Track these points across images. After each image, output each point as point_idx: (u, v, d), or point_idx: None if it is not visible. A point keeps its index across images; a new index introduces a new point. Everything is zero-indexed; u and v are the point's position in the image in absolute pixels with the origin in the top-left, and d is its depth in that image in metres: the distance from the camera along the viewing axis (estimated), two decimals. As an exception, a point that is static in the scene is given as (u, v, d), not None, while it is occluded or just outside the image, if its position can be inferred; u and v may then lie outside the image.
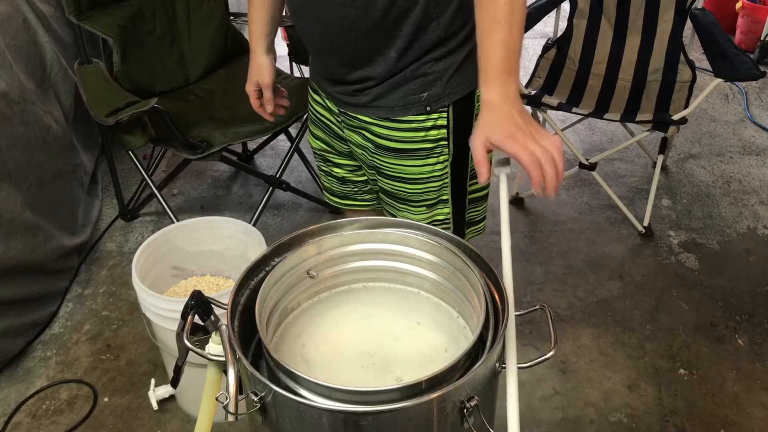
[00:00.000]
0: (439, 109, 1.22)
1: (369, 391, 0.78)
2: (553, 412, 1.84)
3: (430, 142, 1.25)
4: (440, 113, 1.22)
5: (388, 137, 1.25)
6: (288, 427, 0.81)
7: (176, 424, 1.81)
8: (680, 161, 2.94)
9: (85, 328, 2.13)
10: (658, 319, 2.14)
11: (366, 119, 1.25)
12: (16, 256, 1.92)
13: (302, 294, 1.01)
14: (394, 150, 1.26)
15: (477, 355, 0.85)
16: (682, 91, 2.50)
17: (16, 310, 1.97)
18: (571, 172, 2.62)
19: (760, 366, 1.97)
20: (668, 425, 1.80)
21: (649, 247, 2.45)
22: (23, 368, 1.98)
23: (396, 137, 1.25)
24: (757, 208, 2.65)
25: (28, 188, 2.01)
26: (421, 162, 1.27)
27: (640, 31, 2.56)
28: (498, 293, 0.91)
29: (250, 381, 0.82)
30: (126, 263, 2.39)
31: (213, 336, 0.93)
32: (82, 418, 1.84)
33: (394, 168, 1.29)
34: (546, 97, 2.49)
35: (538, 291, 2.26)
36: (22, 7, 2.17)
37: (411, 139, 1.24)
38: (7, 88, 1.93)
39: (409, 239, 0.99)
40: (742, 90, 3.45)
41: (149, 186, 2.31)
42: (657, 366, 1.98)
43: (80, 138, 2.47)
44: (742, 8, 3.69)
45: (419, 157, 1.26)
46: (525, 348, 1.99)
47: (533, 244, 2.47)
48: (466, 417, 0.78)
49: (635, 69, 2.59)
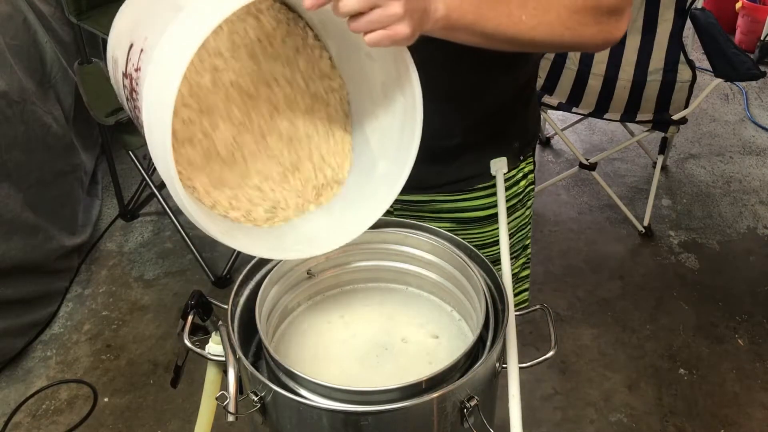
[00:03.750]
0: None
1: (369, 391, 0.78)
2: (553, 412, 1.84)
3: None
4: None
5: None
6: (288, 427, 0.81)
7: (176, 424, 1.81)
8: (680, 161, 2.94)
9: (85, 328, 2.13)
10: (658, 319, 2.14)
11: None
12: (16, 256, 1.92)
13: (302, 294, 1.01)
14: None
15: (477, 355, 0.85)
16: (682, 91, 2.50)
17: (16, 310, 1.97)
18: (571, 172, 2.62)
19: (760, 366, 1.97)
20: (668, 425, 1.80)
21: (649, 247, 2.45)
22: (23, 368, 1.98)
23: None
24: (757, 208, 2.65)
25: (28, 188, 2.01)
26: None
27: (640, 31, 2.55)
28: (498, 293, 0.91)
29: (250, 381, 0.82)
30: (126, 263, 2.39)
31: (213, 336, 0.93)
32: (82, 418, 1.84)
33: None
34: (546, 97, 2.49)
35: (538, 291, 2.26)
36: (22, 7, 2.17)
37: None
38: (7, 88, 1.93)
39: (409, 239, 0.99)
40: (742, 90, 3.45)
41: (149, 186, 2.31)
42: (657, 366, 1.98)
43: (80, 138, 2.47)
44: (742, 8, 3.69)
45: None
46: (525, 348, 1.99)
47: (533, 244, 2.45)
48: (466, 417, 0.78)
49: (635, 69, 2.59)
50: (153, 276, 2.34)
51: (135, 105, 0.79)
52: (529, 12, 0.79)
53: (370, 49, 0.79)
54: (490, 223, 1.13)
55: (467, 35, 0.78)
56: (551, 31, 0.81)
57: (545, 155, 2.98)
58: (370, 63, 0.85)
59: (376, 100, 0.88)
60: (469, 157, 1.05)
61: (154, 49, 0.71)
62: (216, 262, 2.33)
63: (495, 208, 1.09)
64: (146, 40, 0.74)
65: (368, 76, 0.87)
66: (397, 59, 0.79)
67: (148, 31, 0.75)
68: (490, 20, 0.77)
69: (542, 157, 2.97)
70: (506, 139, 1.07)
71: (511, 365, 0.83)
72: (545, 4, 0.80)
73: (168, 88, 0.66)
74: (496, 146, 1.06)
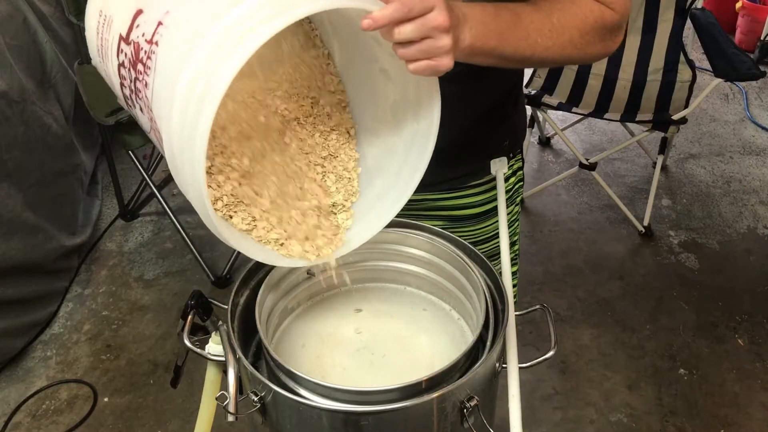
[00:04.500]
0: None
1: (369, 391, 0.78)
2: (553, 412, 1.84)
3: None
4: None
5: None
6: (288, 427, 0.81)
7: (176, 424, 1.81)
8: (680, 161, 2.94)
9: (85, 328, 2.13)
10: (658, 319, 2.14)
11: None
12: (16, 256, 1.92)
13: (302, 294, 1.01)
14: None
15: (477, 355, 0.85)
16: (682, 90, 2.50)
17: (16, 310, 1.97)
18: (571, 172, 2.62)
19: (760, 366, 1.97)
20: (668, 425, 1.80)
21: (649, 247, 2.45)
22: (23, 368, 1.98)
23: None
24: (757, 208, 2.65)
25: (28, 188, 2.01)
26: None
27: (640, 31, 2.55)
28: (498, 293, 0.91)
29: (250, 381, 0.82)
30: (126, 263, 2.39)
31: (213, 336, 0.93)
32: (82, 418, 1.84)
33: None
34: (546, 97, 2.49)
35: (538, 291, 2.26)
36: (22, 7, 2.17)
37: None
38: (7, 88, 1.93)
39: (409, 239, 0.99)
40: (742, 90, 3.45)
41: (149, 186, 2.31)
42: (657, 366, 1.98)
43: (80, 138, 2.47)
44: (742, 8, 3.69)
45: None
46: (525, 348, 1.99)
47: (533, 244, 2.47)
48: (466, 417, 0.78)
49: (635, 69, 2.59)
50: (153, 276, 2.34)
51: (138, 78, 0.74)
52: (545, 35, 0.82)
53: (388, 66, 0.79)
54: (482, 220, 1.14)
55: (484, 58, 0.80)
56: (562, 52, 0.85)
57: (545, 155, 2.98)
58: (383, 80, 0.84)
59: (380, 117, 0.87)
60: (461, 155, 1.07)
61: (203, 38, 0.64)
62: (216, 262, 2.33)
63: (487, 206, 1.12)
64: (168, 15, 0.69)
65: (377, 92, 0.86)
66: (421, 86, 0.78)
67: (172, 5, 0.69)
68: (509, 45, 0.80)
69: (542, 157, 2.97)
70: (497, 137, 1.08)
71: (511, 365, 0.83)
72: (559, 28, 0.83)
73: (217, 87, 0.62)
74: (487, 145, 1.08)
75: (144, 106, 0.73)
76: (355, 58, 0.86)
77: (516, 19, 0.81)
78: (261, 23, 0.62)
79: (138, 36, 0.72)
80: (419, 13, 0.68)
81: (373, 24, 0.66)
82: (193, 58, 0.64)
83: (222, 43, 0.62)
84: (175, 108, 0.65)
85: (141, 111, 0.75)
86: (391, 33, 0.68)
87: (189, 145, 0.64)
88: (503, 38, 0.79)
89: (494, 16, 0.79)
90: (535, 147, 3.02)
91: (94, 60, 0.87)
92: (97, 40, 0.82)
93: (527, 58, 0.83)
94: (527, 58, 0.83)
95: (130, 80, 0.75)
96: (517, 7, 0.82)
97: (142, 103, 0.73)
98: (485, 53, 0.79)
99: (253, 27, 0.62)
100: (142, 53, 0.71)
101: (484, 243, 1.17)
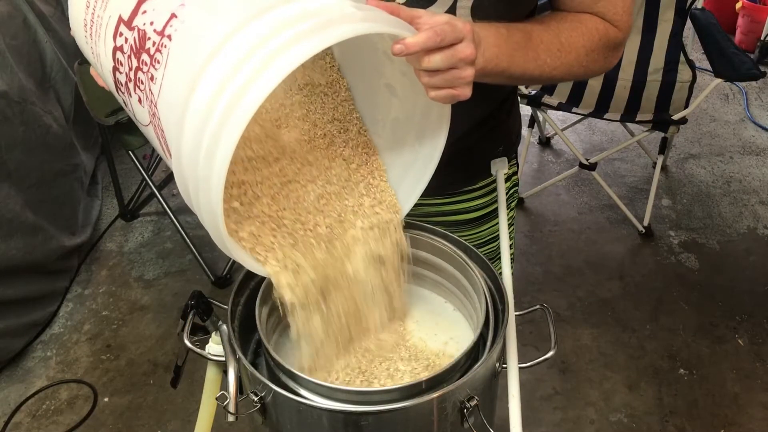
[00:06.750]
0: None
1: (369, 391, 0.78)
2: (553, 412, 1.84)
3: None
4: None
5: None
6: (288, 427, 0.81)
7: (176, 424, 1.81)
8: (680, 161, 2.94)
9: (85, 328, 2.13)
10: (658, 319, 2.14)
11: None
12: (16, 256, 1.92)
13: (302, 294, 1.01)
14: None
15: (477, 355, 0.85)
16: (682, 91, 2.50)
17: (16, 310, 1.97)
18: (571, 172, 2.62)
19: (760, 366, 1.97)
20: (668, 425, 1.80)
21: (649, 247, 2.45)
22: (23, 368, 1.98)
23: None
24: (757, 208, 2.65)
25: (29, 188, 2.01)
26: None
27: (640, 31, 2.55)
28: (498, 293, 0.91)
29: (250, 381, 0.82)
30: (126, 263, 2.39)
31: (213, 336, 0.93)
32: (82, 418, 1.84)
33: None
34: (546, 97, 2.48)
35: (538, 291, 2.26)
36: (22, 7, 2.17)
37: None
38: (7, 88, 1.93)
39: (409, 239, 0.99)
40: (742, 90, 3.45)
41: (149, 186, 2.31)
42: (657, 366, 1.98)
43: (80, 138, 2.48)
44: (742, 8, 3.69)
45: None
46: (525, 348, 1.99)
47: (533, 244, 2.47)
48: (466, 417, 0.78)
49: (635, 69, 2.59)
50: (153, 276, 2.34)
51: (142, 69, 0.69)
52: (554, 54, 0.84)
53: (396, 84, 0.79)
54: (478, 225, 1.14)
55: (492, 78, 0.81)
56: (568, 70, 0.87)
57: (545, 155, 2.98)
58: (387, 95, 0.83)
59: (378, 132, 0.87)
60: (456, 162, 1.06)
61: (232, 37, 0.60)
62: (216, 262, 2.33)
63: (482, 211, 1.12)
64: (183, 8, 0.65)
65: (378, 105, 0.85)
66: (431, 111, 0.78)
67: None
68: (519, 66, 0.82)
69: (542, 157, 2.97)
70: (492, 143, 1.09)
71: (511, 365, 0.83)
72: (567, 47, 0.85)
73: (254, 96, 0.57)
74: (482, 151, 1.08)
75: (144, 99, 0.70)
76: (356, 67, 0.85)
77: (527, 40, 0.82)
78: (297, 40, 0.58)
79: (144, 23, 0.68)
80: (450, 43, 0.69)
81: (404, 50, 0.66)
82: (218, 69, 0.60)
83: (250, 58, 0.59)
84: (190, 121, 0.61)
85: (139, 102, 0.72)
86: (421, 60, 0.69)
87: (205, 178, 0.60)
88: (513, 60, 0.80)
89: (506, 38, 0.80)
90: (535, 147, 3.02)
91: (75, 32, 0.82)
92: (86, 14, 0.78)
93: (535, 77, 0.85)
94: (535, 78, 0.85)
95: (129, 68, 0.71)
96: (527, 27, 0.83)
97: (143, 95, 0.70)
98: (495, 74, 0.80)
99: (288, 45, 0.58)
100: (149, 43, 0.67)
101: (481, 247, 1.16)
